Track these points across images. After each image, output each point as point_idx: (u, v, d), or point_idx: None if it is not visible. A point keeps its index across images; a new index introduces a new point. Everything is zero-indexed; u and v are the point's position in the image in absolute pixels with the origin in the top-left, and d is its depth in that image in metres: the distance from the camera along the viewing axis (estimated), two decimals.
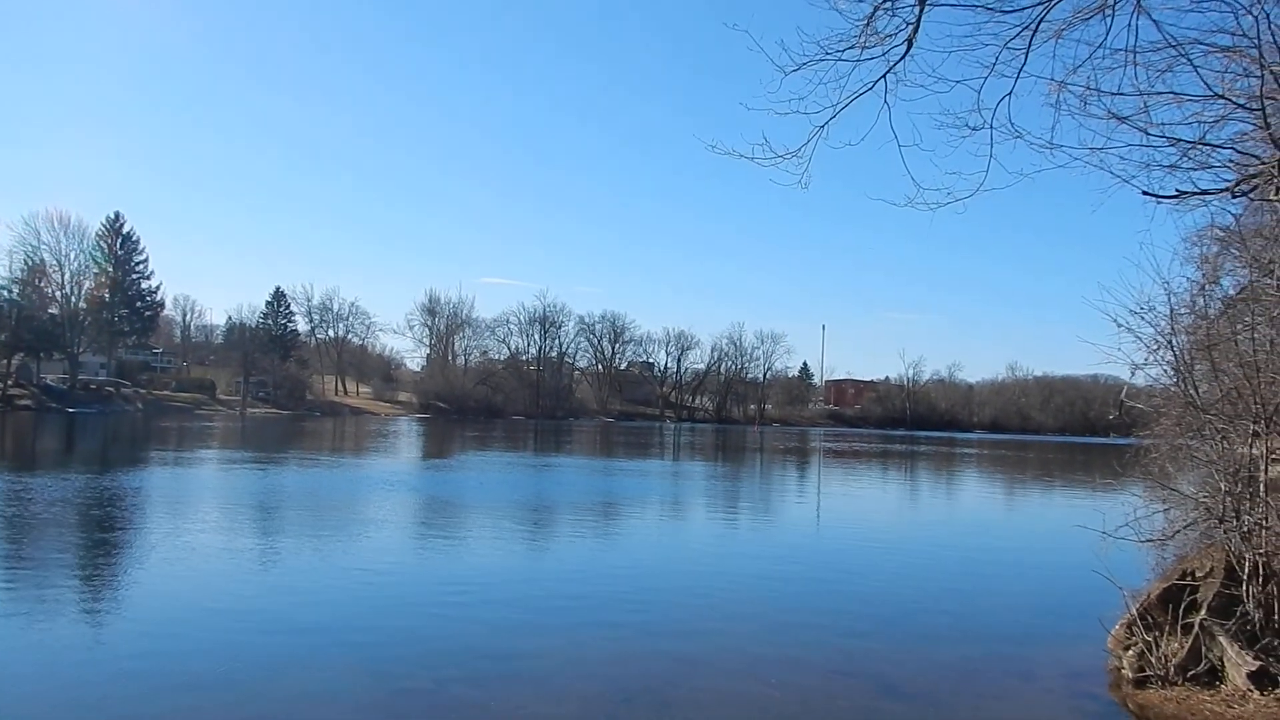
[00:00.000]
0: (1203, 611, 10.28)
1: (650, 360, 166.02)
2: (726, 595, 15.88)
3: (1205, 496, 11.59)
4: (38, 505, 22.95)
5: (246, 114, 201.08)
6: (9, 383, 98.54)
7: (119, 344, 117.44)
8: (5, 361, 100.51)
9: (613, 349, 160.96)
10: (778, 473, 52.18)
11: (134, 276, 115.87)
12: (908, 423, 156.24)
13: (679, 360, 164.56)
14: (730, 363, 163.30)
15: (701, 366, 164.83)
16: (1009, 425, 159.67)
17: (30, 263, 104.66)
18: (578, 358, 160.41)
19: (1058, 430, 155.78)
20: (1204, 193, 8.95)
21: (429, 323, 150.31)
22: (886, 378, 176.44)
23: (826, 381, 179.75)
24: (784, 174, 8.58)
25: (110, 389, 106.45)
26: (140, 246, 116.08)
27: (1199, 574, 10.97)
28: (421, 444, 67.07)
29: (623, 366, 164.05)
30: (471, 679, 10.36)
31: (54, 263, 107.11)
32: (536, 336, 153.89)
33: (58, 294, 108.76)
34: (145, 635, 11.72)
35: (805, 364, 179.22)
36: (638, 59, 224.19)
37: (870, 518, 30.48)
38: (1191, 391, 11.80)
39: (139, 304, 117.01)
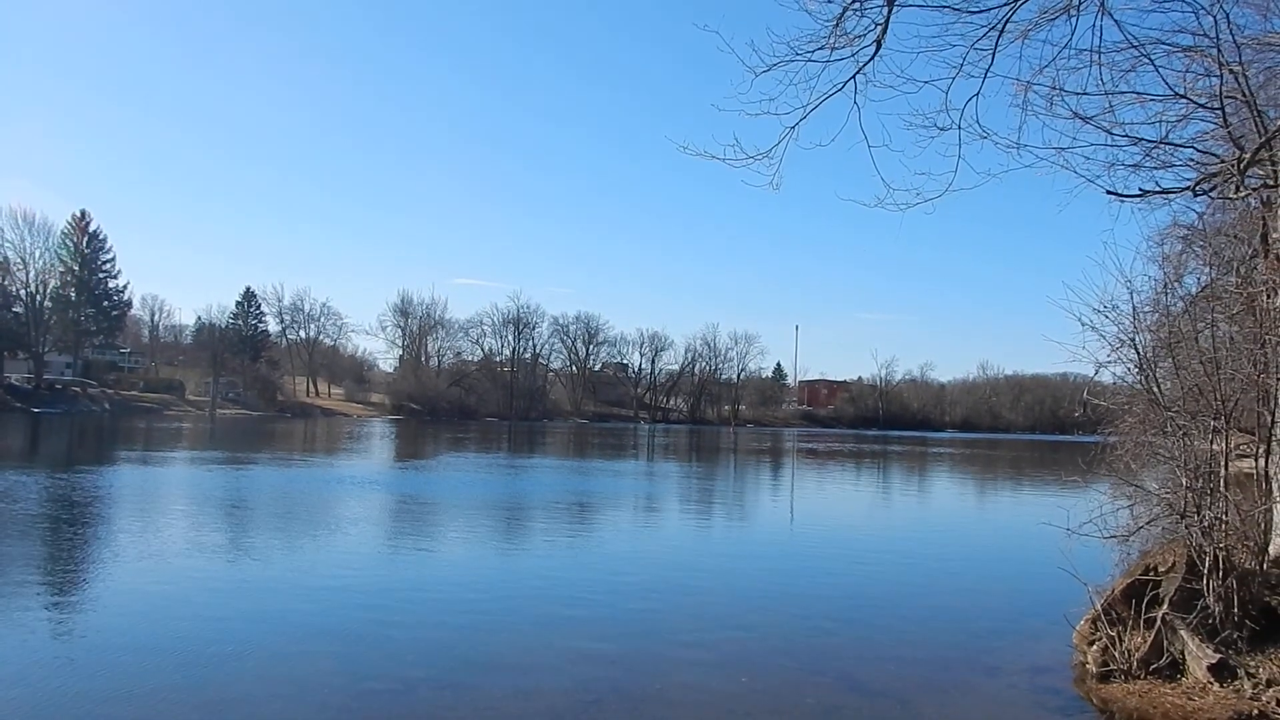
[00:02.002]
0: (1165, 606, 10.40)
1: (624, 361, 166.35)
2: (697, 594, 15.90)
3: (1168, 492, 11.73)
4: (2, 503, 22.58)
5: (216, 113, 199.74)
6: None
7: (85, 343, 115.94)
8: None
9: (587, 350, 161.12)
10: (751, 473, 52.31)
11: (100, 275, 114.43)
12: (880, 423, 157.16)
13: (653, 361, 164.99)
14: (704, 363, 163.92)
15: (675, 367, 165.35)
16: (980, 424, 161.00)
17: None
18: (551, 359, 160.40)
19: (1028, 428, 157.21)
20: (1167, 191, 9.07)
21: (401, 324, 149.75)
22: (859, 378, 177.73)
23: (800, 382, 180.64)
24: (756, 175, 8.64)
25: (76, 389, 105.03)
26: (107, 245, 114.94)
27: (1161, 569, 11.10)
28: (394, 445, 66.68)
29: (597, 368, 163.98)
30: (439, 680, 10.30)
31: (18, 260, 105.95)
32: (510, 338, 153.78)
33: (22, 292, 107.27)
34: (110, 632, 11.55)
35: (779, 364, 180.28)
36: (610, 58, 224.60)
37: (842, 517, 30.61)
38: (1154, 389, 11.95)
39: (106, 303, 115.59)
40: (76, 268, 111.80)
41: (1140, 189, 9.03)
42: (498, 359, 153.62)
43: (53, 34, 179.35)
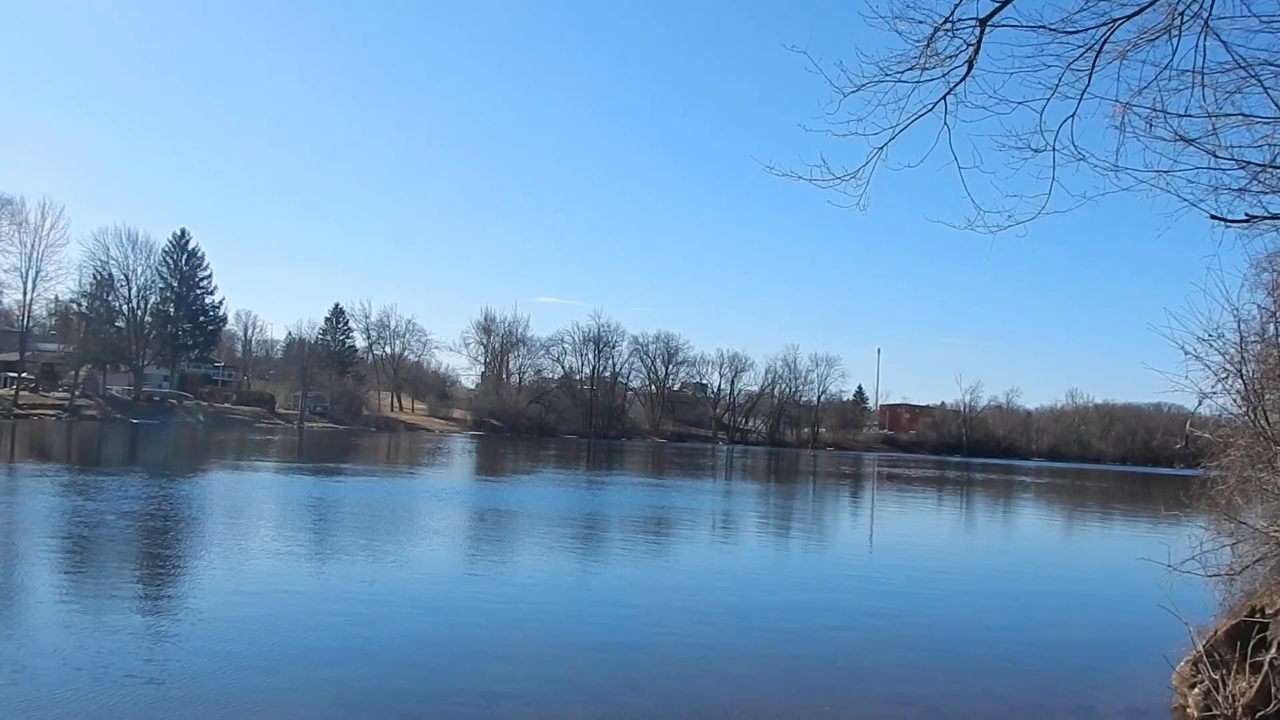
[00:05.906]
0: (1273, 650, 9.91)
1: (704, 381, 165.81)
2: (777, 622, 15.68)
3: (1275, 530, 11.20)
4: (101, 506, 23.46)
5: (319, 128, 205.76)
6: (76, 393, 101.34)
7: (182, 357, 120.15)
8: (73, 373, 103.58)
9: (666, 370, 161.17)
10: (830, 497, 51.64)
11: (198, 292, 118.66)
12: (964, 449, 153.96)
13: (732, 382, 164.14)
14: (784, 385, 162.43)
15: (755, 388, 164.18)
16: (1068, 453, 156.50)
17: (99, 277, 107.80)
18: (631, 378, 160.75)
19: (1119, 459, 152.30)
20: (1274, 217, 8.70)
21: (484, 341, 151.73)
22: (942, 403, 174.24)
23: (881, 406, 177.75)
24: (842, 196, 8.48)
25: (173, 401, 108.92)
26: (205, 262, 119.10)
27: (1269, 611, 10.58)
28: (476, 460, 67.54)
29: (676, 387, 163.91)
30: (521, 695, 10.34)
31: (121, 277, 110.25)
32: (590, 356, 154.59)
33: (124, 308, 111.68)
34: (197, 634, 11.86)
35: (860, 388, 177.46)
36: (696, 78, 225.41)
37: (925, 546, 29.99)
38: (1262, 422, 11.42)
39: (202, 318, 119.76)
40: (176, 284, 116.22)
41: (1246, 214, 8.68)
42: (578, 377, 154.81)
43: (155, 60, 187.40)
